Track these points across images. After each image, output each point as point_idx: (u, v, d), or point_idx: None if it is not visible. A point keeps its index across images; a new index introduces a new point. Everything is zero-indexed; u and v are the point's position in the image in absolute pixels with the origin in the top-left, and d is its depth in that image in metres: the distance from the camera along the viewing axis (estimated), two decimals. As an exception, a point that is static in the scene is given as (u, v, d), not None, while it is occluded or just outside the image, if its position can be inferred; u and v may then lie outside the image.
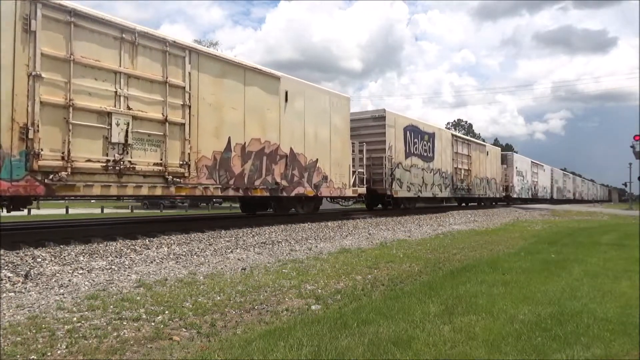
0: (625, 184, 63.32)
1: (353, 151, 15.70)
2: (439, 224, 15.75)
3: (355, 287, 5.66)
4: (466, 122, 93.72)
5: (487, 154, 28.54)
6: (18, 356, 3.17)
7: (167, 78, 9.06)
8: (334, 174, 14.15)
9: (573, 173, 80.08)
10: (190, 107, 9.57)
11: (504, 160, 33.35)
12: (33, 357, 3.18)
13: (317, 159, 13.45)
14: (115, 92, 8.17)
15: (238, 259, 7.45)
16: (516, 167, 34.22)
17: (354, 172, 15.31)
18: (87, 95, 7.79)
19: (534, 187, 39.56)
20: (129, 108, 8.36)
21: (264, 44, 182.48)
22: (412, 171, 18.92)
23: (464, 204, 29.38)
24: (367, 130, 17.44)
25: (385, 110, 17.64)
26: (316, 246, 9.22)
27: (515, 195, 33.90)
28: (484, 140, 61.33)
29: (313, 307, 4.73)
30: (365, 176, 16.30)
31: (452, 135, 23.91)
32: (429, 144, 20.48)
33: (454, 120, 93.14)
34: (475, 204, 29.42)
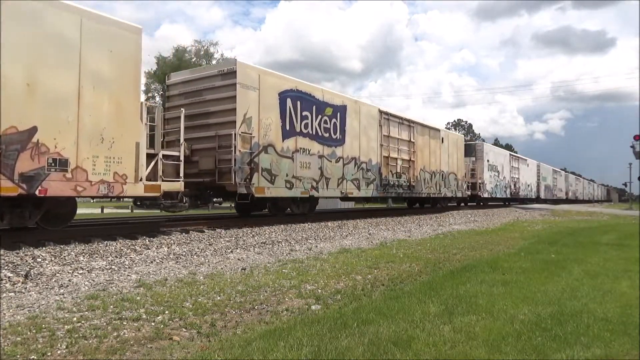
0: (625, 184, 63.39)
1: (151, 121, 9.45)
2: (439, 224, 15.75)
3: (355, 287, 5.66)
4: (466, 122, 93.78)
5: (443, 141, 21.62)
6: (18, 356, 3.17)
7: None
8: (90, 156, 7.91)
9: (573, 173, 79.19)
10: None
11: (471, 151, 26.91)
12: (33, 357, 3.18)
13: (34, 127, 7.19)
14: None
15: (238, 259, 7.45)
16: (488, 161, 27.97)
17: (152, 156, 9.21)
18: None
19: (514, 185, 33.51)
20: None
21: (263, 44, 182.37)
22: (297, 158, 12.71)
23: (416, 205, 23.13)
24: (214, 94, 11.51)
25: (237, 62, 11.47)
26: (316, 246, 9.22)
27: (486, 195, 27.48)
28: (484, 141, 59.64)
29: (313, 307, 4.73)
30: (182, 162, 9.80)
31: (380, 111, 16.84)
32: (334, 120, 14.26)
33: (454, 120, 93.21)
34: (429, 205, 22.75)
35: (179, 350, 3.41)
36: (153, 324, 4.00)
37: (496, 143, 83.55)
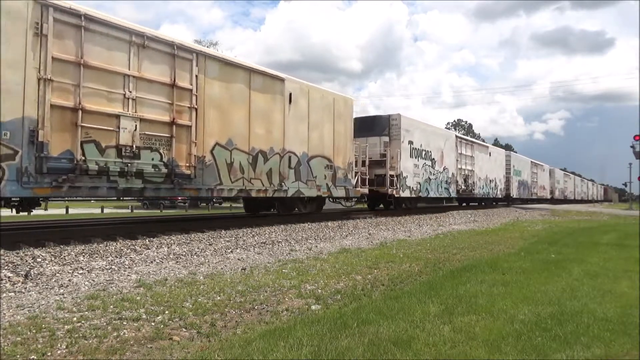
0: (625, 184, 63.18)
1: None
2: (439, 224, 15.75)
3: (355, 287, 5.66)
4: (466, 122, 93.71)
5: (290, 100, 12.55)
6: (18, 356, 3.17)
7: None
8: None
9: (573, 173, 77.67)
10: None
11: (380, 126, 17.77)
12: (33, 357, 3.18)
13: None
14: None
15: (238, 259, 7.45)
16: (411, 143, 18.70)
17: None
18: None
19: (465, 181, 24.37)
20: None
21: (263, 45, 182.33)
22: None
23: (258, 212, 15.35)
24: None
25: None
26: (316, 246, 9.22)
27: (406, 193, 18.37)
28: (483, 140, 57.88)
29: (313, 307, 4.73)
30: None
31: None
32: None
33: (454, 120, 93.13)
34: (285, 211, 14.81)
35: (179, 350, 3.41)
36: (153, 324, 4.00)
37: (496, 143, 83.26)
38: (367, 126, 17.79)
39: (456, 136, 24.72)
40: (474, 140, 28.94)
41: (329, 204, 17.20)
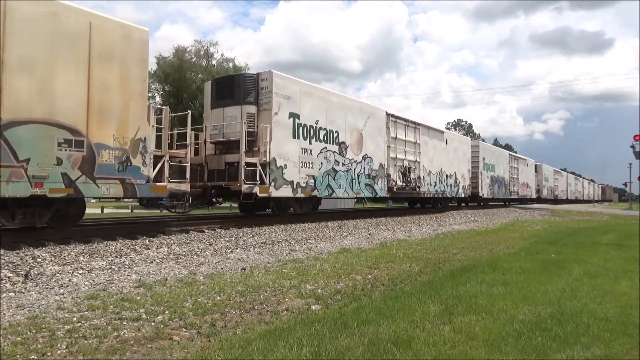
0: (625, 184, 63.08)
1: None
2: (439, 224, 15.75)
3: (355, 287, 5.66)
4: (466, 122, 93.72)
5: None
6: (18, 356, 3.17)
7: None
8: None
9: (573, 173, 76.03)
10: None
11: (239, 91, 12.21)
12: (33, 357, 3.18)
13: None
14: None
15: (238, 259, 7.45)
16: (296, 119, 12.79)
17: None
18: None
19: (404, 175, 18.15)
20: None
21: (263, 45, 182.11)
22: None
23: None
24: None
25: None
26: (316, 246, 9.22)
27: (285, 191, 12.40)
28: (483, 140, 56.80)
29: (313, 307, 4.73)
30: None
31: None
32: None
33: (454, 120, 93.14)
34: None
35: (179, 350, 3.41)
36: (153, 324, 4.00)
37: (496, 143, 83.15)
38: (226, 91, 12.32)
39: (387, 114, 17.29)
40: (418, 122, 19.78)
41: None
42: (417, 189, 19.20)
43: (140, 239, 8.46)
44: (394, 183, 17.51)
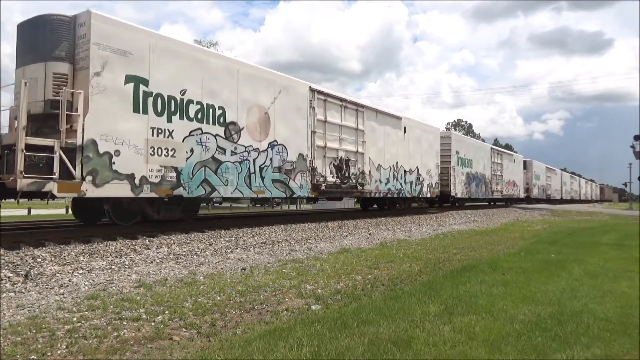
0: (625, 184, 62.99)
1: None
2: (439, 224, 15.75)
3: (355, 287, 5.66)
4: (466, 122, 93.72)
5: None
6: (18, 356, 3.17)
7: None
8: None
9: (573, 173, 75.24)
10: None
11: (43, 41, 8.13)
12: (33, 357, 3.18)
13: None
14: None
15: (238, 259, 7.45)
16: (143, 85, 8.82)
17: None
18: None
19: (339, 170, 14.36)
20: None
21: (263, 45, 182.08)
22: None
23: None
24: None
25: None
26: (316, 246, 9.22)
27: (116, 189, 8.27)
28: (484, 140, 56.38)
29: (313, 307, 4.73)
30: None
31: None
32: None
33: (454, 120, 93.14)
34: None
35: (179, 350, 3.41)
36: (153, 324, 4.00)
37: (496, 143, 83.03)
38: (29, 42, 8.52)
39: (312, 89, 13.17)
40: (363, 103, 15.88)
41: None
42: (360, 187, 15.17)
43: (140, 239, 8.46)
44: (321, 179, 13.28)
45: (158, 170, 9.08)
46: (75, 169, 7.73)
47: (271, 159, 11.80)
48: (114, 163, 8.29)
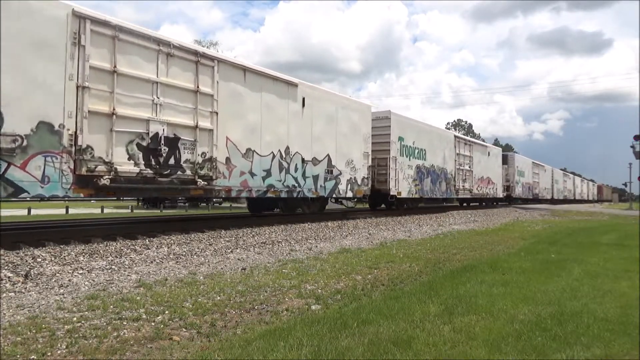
0: (625, 184, 62.89)
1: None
2: (439, 224, 15.75)
3: (355, 287, 5.66)
4: (466, 122, 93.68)
5: None
6: (18, 356, 3.17)
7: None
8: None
9: (573, 173, 74.65)
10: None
11: None
12: (33, 357, 3.18)
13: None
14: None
15: (238, 259, 7.45)
16: None
17: None
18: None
19: (155, 154, 8.75)
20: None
21: (263, 45, 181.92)
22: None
23: None
24: None
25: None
26: (316, 246, 9.22)
27: None
28: (483, 140, 55.78)
29: (313, 307, 4.73)
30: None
31: None
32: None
33: (454, 120, 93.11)
34: None
35: (179, 350, 3.41)
36: (153, 324, 4.00)
37: (496, 143, 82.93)
38: None
39: (76, 13, 7.67)
40: (206, 51, 10.50)
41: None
42: (203, 182, 9.81)
43: (140, 239, 8.47)
44: (104, 167, 8.02)
45: None
46: None
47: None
48: None
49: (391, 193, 16.82)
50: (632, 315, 4.46)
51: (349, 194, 14.88)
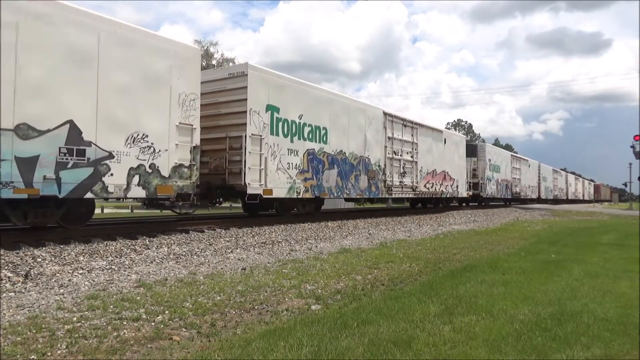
0: (625, 184, 62.82)
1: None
2: (439, 224, 15.75)
3: (355, 287, 5.66)
4: (466, 122, 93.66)
5: None
6: (18, 356, 3.17)
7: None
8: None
9: (573, 173, 74.44)
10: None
11: None
12: (33, 357, 3.18)
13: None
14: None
15: (238, 259, 7.45)
16: None
17: None
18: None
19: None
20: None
21: (263, 45, 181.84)
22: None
23: None
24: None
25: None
26: (316, 246, 9.22)
27: None
28: (483, 141, 55.68)
29: (313, 307, 4.73)
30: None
31: None
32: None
33: (454, 121, 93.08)
34: None
35: (179, 350, 3.41)
36: (153, 324, 4.00)
37: (496, 143, 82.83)
38: None
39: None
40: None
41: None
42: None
43: (140, 239, 8.46)
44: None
45: None
46: None
47: None
48: None
49: (249, 191, 10.80)
50: (632, 315, 4.46)
51: (136, 192, 8.54)
